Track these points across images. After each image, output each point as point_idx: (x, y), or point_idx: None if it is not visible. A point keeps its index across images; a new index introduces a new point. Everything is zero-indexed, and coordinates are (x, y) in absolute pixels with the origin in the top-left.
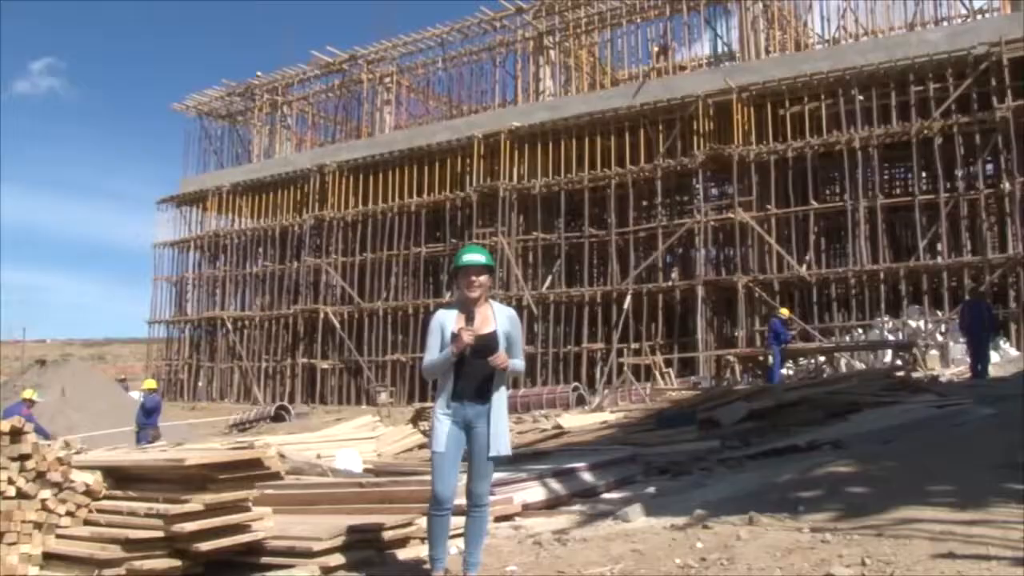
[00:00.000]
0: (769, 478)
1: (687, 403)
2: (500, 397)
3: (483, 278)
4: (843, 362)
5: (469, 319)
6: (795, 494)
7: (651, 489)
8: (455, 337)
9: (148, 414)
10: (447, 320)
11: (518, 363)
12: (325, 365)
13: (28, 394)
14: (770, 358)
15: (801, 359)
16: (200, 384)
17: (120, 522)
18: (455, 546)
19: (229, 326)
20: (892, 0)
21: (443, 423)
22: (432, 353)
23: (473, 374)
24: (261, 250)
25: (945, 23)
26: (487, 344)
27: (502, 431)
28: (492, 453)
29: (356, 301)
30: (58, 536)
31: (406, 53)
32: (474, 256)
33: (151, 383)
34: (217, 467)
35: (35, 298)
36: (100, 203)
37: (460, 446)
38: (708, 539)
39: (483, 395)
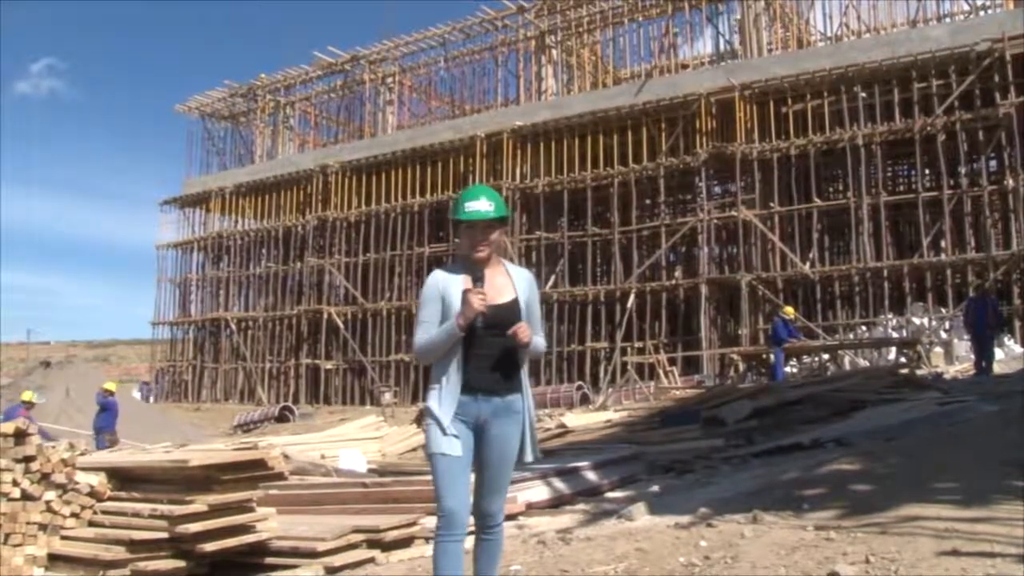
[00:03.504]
0: (773, 476)
1: (691, 401)
2: (525, 385)
3: (494, 235)
4: (847, 359)
5: (477, 280)
6: (799, 492)
7: (655, 488)
8: (462, 304)
9: (102, 417)
10: (450, 285)
11: (540, 341)
12: (329, 365)
13: (28, 396)
14: (772, 357)
15: (805, 357)
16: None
17: (124, 523)
18: None
19: (233, 327)
20: None
21: (447, 421)
22: (429, 329)
23: (488, 355)
24: (264, 251)
25: (947, 19)
26: (506, 316)
27: (532, 428)
28: (529, 458)
29: (359, 301)
30: (63, 537)
31: (408, 53)
32: (481, 205)
33: (110, 385)
34: (221, 468)
35: (39, 300)
36: (103, 204)
37: (469, 449)
38: (712, 537)
39: (503, 385)
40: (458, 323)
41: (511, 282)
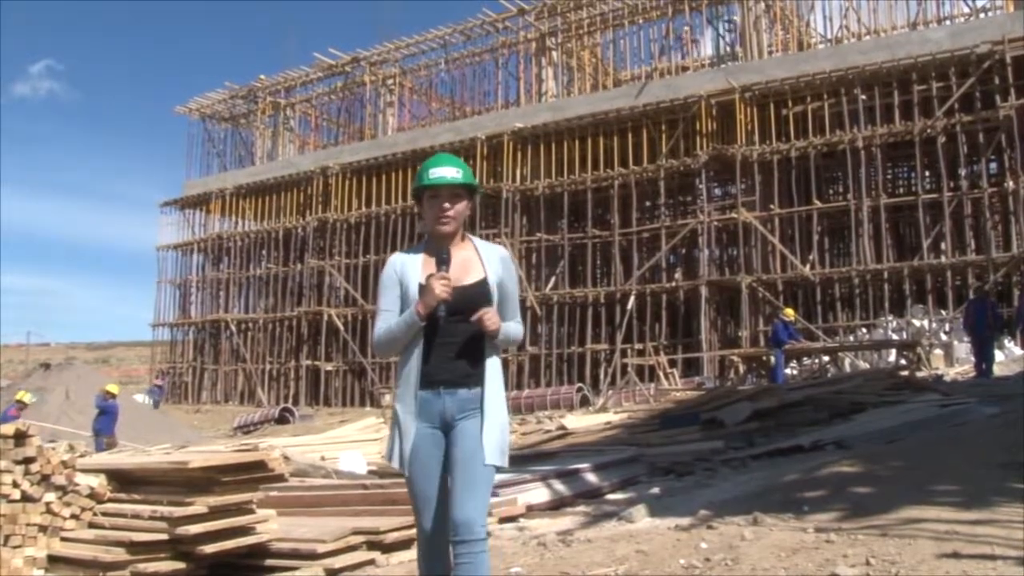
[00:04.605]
0: (773, 478)
1: (691, 403)
2: (494, 376)
3: (460, 205)
4: (847, 362)
5: (442, 263)
6: (799, 494)
7: (655, 490)
8: (423, 290)
9: (101, 419)
10: (410, 268)
11: (515, 328)
12: (329, 367)
13: (21, 396)
14: (772, 359)
15: (805, 359)
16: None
17: (124, 525)
18: None
19: (233, 328)
20: None
21: (409, 426)
22: (388, 318)
23: (452, 344)
24: (264, 252)
25: (948, 22)
26: (472, 299)
27: (497, 425)
28: (487, 460)
29: (360, 303)
30: (63, 539)
31: (408, 55)
32: (444, 170)
33: (112, 387)
34: (221, 469)
35: (40, 302)
36: (102, 206)
37: (440, 454)
38: (712, 539)
39: (470, 377)
40: (417, 312)
41: (480, 261)
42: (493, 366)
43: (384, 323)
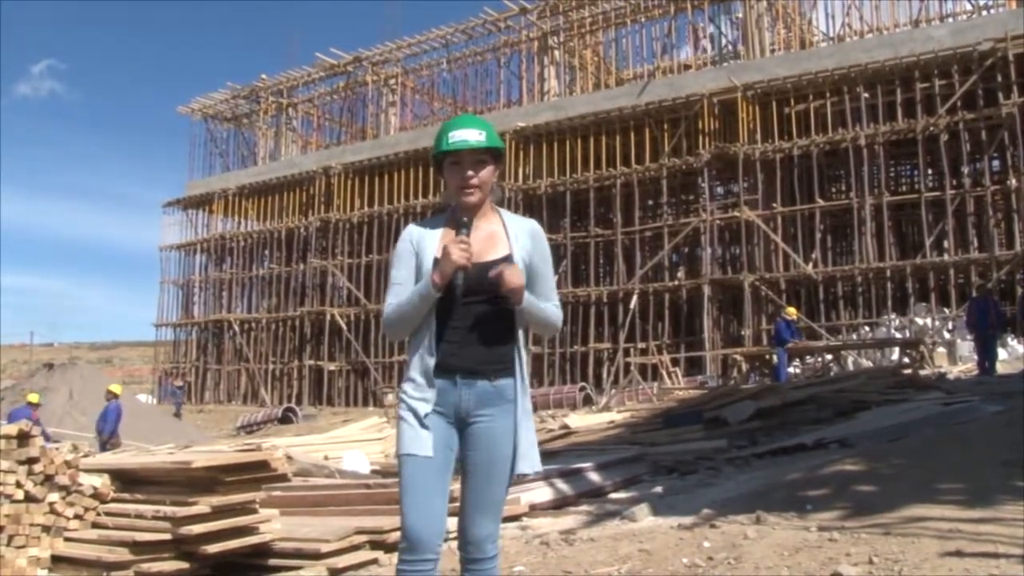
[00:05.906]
0: (776, 477)
1: (694, 402)
2: (521, 370)
3: (484, 172)
4: (850, 360)
5: (462, 227)
6: (802, 493)
7: (658, 488)
8: (438, 261)
9: (105, 421)
10: (427, 240)
11: (552, 309)
12: (332, 367)
13: (34, 398)
14: (775, 357)
15: (808, 357)
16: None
17: (128, 525)
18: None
19: (236, 328)
20: None
21: (418, 412)
22: (400, 292)
23: (469, 326)
24: (267, 252)
25: (950, 19)
26: (494, 280)
27: (528, 425)
28: (524, 469)
29: (362, 303)
30: (66, 539)
31: (410, 54)
32: (466, 133)
33: (115, 387)
34: (224, 469)
35: (42, 303)
36: (105, 207)
37: (450, 451)
38: (715, 538)
39: (489, 364)
40: (433, 281)
41: (506, 235)
42: (519, 356)
43: (395, 297)
